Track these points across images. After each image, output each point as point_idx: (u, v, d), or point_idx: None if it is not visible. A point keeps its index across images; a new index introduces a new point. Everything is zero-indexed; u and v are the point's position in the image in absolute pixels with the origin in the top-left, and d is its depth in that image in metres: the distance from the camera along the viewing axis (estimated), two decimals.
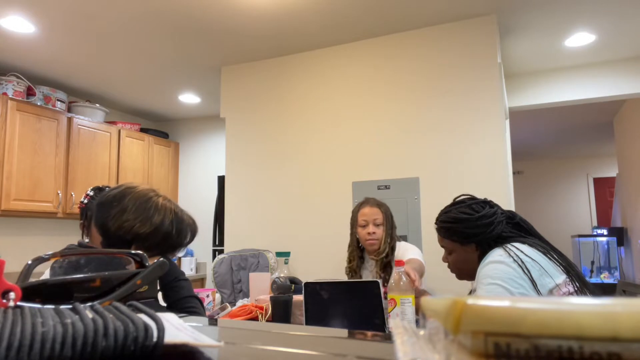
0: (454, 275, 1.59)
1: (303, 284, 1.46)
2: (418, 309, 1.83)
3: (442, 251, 2.56)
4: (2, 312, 0.35)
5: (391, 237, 1.98)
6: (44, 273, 1.27)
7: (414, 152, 2.72)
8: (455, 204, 1.50)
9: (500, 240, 1.39)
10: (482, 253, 1.41)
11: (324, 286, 1.46)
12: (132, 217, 1.23)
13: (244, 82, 3.30)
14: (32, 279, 0.49)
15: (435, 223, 1.53)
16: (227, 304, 1.88)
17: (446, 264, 1.60)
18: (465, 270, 1.48)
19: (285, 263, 2.86)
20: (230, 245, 3.18)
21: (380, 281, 1.97)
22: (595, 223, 7.55)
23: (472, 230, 1.41)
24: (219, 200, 4.13)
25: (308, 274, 2.86)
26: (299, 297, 1.54)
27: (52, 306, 0.38)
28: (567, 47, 3.10)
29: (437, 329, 0.25)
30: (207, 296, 2.01)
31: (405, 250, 1.99)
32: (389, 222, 2.00)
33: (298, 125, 3.07)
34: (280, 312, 1.53)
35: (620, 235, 6.05)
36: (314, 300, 1.44)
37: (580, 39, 2.96)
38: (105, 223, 1.23)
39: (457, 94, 2.65)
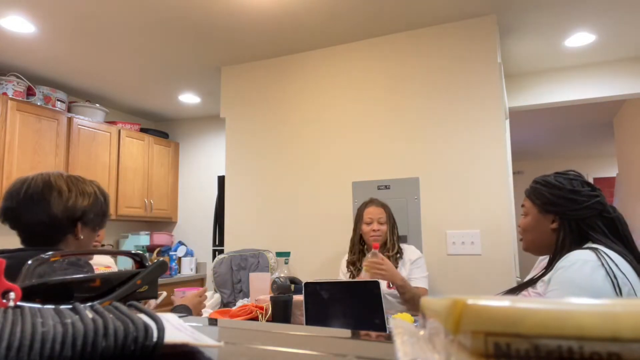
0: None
1: (303, 284, 1.46)
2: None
3: (441, 251, 2.57)
4: (2, 312, 0.35)
5: (394, 233, 2.18)
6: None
7: (414, 152, 2.72)
8: (561, 173, 1.40)
9: (583, 231, 1.29)
10: (558, 231, 1.32)
11: (324, 286, 1.46)
12: (74, 194, 1.25)
13: (244, 82, 3.30)
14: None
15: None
16: (162, 293, 1.83)
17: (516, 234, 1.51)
18: (531, 239, 1.39)
19: (285, 263, 2.86)
20: (230, 245, 3.18)
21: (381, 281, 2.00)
22: None
23: (556, 200, 1.33)
24: (219, 200, 4.13)
25: (308, 274, 2.86)
26: (299, 297, 1.54)
27: (52, 306, 0.38)
28: (567, 47, 3.10)
29: (437, 329, 0.25)
30: None
31: (415, 269, 2.11)
32: (390, 220, 2.19)
33: (298, 125, 3.07)
34: (280, 312, 1.53)
35: None
36: (314, 300, 1.44)
37: (580, 39, 2.96)
38: (50, 212, 1.21)
39: (457, 94, 2.65)
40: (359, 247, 2.20)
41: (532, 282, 1.37)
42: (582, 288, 1.18)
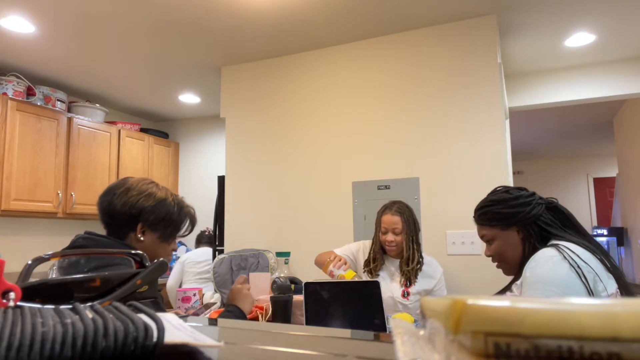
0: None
1: (303, 284, 1.46)
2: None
3: (441, 251, 2.56)
4: (2, 312, 0.35)
5: (414, 241, 2.05)
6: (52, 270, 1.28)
7: (414, 152, 2.72)
8: (492, 192, 1.49)
9: (542, 229, 1.34)
10: (524, 240, 1.37)
11: (324, 286, 1.46)
12: (136, 193, 1.34)
13: (244, 82, 3.30)
14: (32, 279, 0.49)
15: (474, 214, 1.50)
16: (215, 302, 1.88)
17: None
18: (510, 258, 1.41)
19: (285, 263, 2.85)
20: (230, 245, 3.18)
21: (399, 286, 2.00)
22: (595, 223, 7.55)
23: (511, 210, 1.38)
24: (219, 200, 4.12)
25: (308, 274, 2.86)
26: (299, 297, 1.54)
27: (52, 306, 0.38)
28: (567, 47, 3.10)
29: (437, 329, 0.25)
30: (194, 295, 2.01)
31: (436, 286, 2.07)
32: (410, 228, 2.05)
33: (298, 125, 3.07)
34: (280, 312, 1.53)
35: (620, 235, 6.05)
36: (314, 300, 1.44)
37: (580, 39, 2.96)
38: (111, 203, 1.32)
39: (457, 94, 2.65)
40: (380, 254, 2.12)
41: (508, 287, 1.43)
42: (549, 283, 1.22)
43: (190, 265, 3.57)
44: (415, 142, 2.72)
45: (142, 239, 1.33)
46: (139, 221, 1.32)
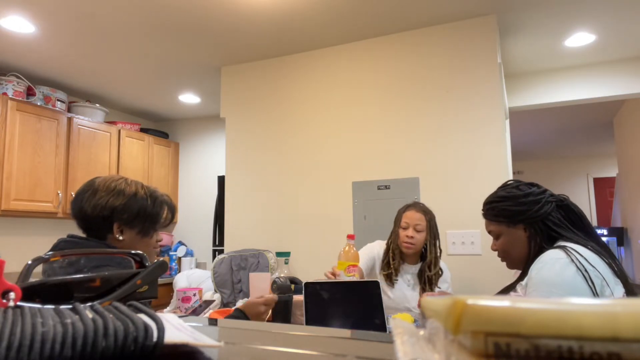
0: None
1: (303, 284, 1.46)
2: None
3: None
4: (2, 312, 0.35)
5: (434, 246, 1.96)
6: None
7: (414, 152, 2.72)
8: (503, 186, 1.46)
9: (550, 229, 1.32)
10: (531, 237, 1.35)
11: (324, 286, 1.46)
12: (104, 193, 1.29)
13: (244, 82, 3.30)
14: (32, 279, 0.49)
15: (482, 208, 1.48)
16: (214, 299, 1.88)
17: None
18: (515, 255, 1.40)
19: (285, 263, 2.86)
20: (230, 245, 3.18)
21: (416, 295, 1.97)
22: (595, 223, 7.55)
23: (518, 208, 1.36)
24: (219, 200, 4.13)
25: (308, 274, 2.86)
26: (299, 297, 1.54)
27: (52, 306, 0.38)
28: (567, 47, 3.10)
29: (437, 329, 0.25)
30: (194, 295, 2.02)
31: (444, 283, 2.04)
32: (432, 231, 1.97)
33: (298, 125, 3.07)
34: (280, 312, 1.53)
35: (620, 235, 6.04)
36: (314, 300, 1.44)
37: (580, 39, 2.96)
38: (82, 208, 1.28)
39: (457, 94, 2.65)
40: (398, 253, 1.99)
41: (512, 287, 1.42)
42: (555, 285, 1.21)
43: None
44: (415, 142, 2.72)
45: (121, 238, 1.29)
46: (113, 221, 1.28)
